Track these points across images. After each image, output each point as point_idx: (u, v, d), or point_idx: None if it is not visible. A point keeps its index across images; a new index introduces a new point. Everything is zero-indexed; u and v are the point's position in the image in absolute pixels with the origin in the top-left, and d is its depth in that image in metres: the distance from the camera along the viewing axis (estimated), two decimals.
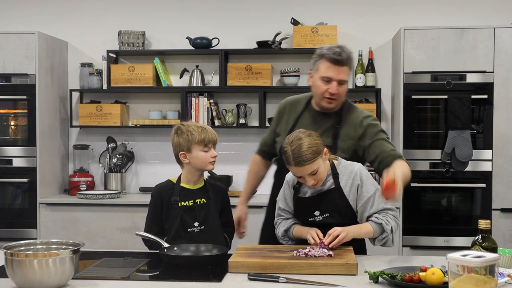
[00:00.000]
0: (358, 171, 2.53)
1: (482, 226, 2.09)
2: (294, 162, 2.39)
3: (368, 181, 2.51)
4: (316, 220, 2.53)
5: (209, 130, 2.69)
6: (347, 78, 2.66)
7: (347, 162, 2.59)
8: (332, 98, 2.65)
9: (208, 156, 2.66)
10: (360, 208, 2.51)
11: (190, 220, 2.63)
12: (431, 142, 4.32)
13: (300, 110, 2.81)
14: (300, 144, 2.39)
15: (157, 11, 4.98)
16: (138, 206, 4.40)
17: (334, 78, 2.62)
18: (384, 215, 2.47)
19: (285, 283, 2.05)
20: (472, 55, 4.22)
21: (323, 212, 2.52)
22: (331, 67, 2.61)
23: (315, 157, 2.39)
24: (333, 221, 2.49)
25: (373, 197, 2.48)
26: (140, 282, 2.13)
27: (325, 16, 4.79)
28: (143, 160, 4.99)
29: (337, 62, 2.60)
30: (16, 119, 4.64)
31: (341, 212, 2.50)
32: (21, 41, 4.48)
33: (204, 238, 2.60)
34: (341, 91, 2.65)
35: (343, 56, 2.61)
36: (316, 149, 2.41)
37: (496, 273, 1.71)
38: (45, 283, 1.93)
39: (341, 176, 2.53)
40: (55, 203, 4.49)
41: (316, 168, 2.41)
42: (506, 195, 4.21)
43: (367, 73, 4.68)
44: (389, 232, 2.45)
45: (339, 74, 2.61)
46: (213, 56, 4.82)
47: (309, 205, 2.55)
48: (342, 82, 2.63)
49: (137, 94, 4.98)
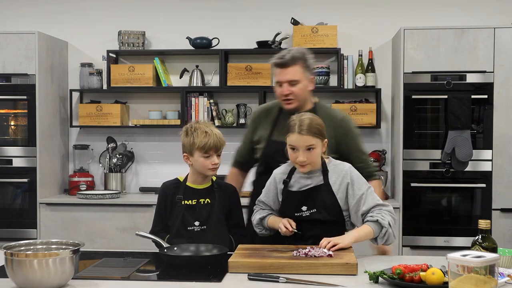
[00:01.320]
0: (348, 170, 2.55)
1: (482, 226, 2.09)
2: (298, 129, 2.46)
3: (359, 180, 2.53)
4: (303, 216, 2.53)
5: (212, 136, 2.62)
6: (297, 77, 2.77)
7: (337, 161, 2.61)
8: (288, 98, 2.79)
9: (208, 162, 2.64)
10: (353, 208, 2.50)
11: (191, 219, 2.63)
12: (431, 142, 4.32)
13: (275, 114, 2.92)
14: (310, 118, 2.50)
15: (157, 11, 4.98)
16: (138, 206, 4.40)
17: (282, 80, 2.78)
18: (378, 212, 2.46)
19: (285, 283, 2.05)
20: (472, 55, 4.22)
21: (310, 207, 2.52)
22: (278, 71, 2.79)
23: (318, 135, 2.47)
24: (319, 217, 2.50)
25: (365, 194, 2.48)
26: (140, 282, 2.13)
27: (325, 16, 4.79)
28: (143, 160, 4.99)
29: (281, 65, 2.78)
30: (16, 119, 4.64)
31: (328, 208, 2.51)
32: (21, 41, 4.49)
33: (204, 238, 2.59)
34: (295, 90, 2.78)
35: (286, 58, 2.76)
36: (320, 130, 2.49)
37: (496, 273, 1.71)
38: (45, 283, 1.93)
39: (331, 174, 2.54)
40: (55, 203, 4.49)
41: (314, 144, 2.46)
42: (506, 195, 4.21)
43: (367, 73, 4.68)
44: (387, 226, 2.43)
45: (286, 76, 2.76)
46: (213, 56, 4.82)
47: (297, 199, 2.55)
48: (293, 82, 2.77)
49: (137, 94, 4.98)
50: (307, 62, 2.82)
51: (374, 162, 4.43)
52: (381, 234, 2.44)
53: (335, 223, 2.53)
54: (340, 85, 4.65)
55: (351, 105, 4.58)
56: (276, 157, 2.71)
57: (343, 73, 4.66)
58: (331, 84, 4.74)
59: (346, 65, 4.67)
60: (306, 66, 2.81)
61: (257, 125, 2.98)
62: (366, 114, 4.56)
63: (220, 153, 2.68)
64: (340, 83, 4.65)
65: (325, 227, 2.50)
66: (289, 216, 2.56)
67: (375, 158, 4.56)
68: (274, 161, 2.73)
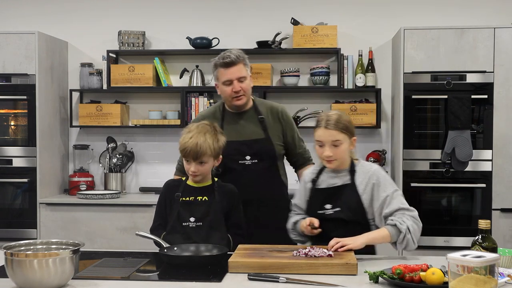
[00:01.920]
0: (375, 171, 2.53)
1: (482, 226, 2.09)
2: (325, 123, 2.47)
3: (385, 182, 2.51)
4: (326, 214, 2.53)
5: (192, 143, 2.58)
6: (244, 74, 2.93)
7: (366, 162, 2.62)
8: (239, 95, 2.93)
9: (187, 168, 2.66)
10: (377, 210, 2.48)
11: (186, 215, 2.63)
12: (431, 142, 4.32)
13: (219, 117, 3.03)
14: (338, 114, 2.52)
15: (157, 11, 4.98)
16: (138, 206, 4.40)
17: (232, 78, 2.91)
18: (400, 216, 2.43)
19: (285, 283, 2.05)
20: (472, 55, 4.22)
21: (334, 206, 2.53)
22: (224, 71, 2.93)
23: (345, 131, 2.48)
24: (342, 216, 2.50)
25: (389, 196, 2.46)
26: (140, 282, 2.13)
27: (325, 16, 4.79)
28: (143, 160, 4.99)
29: (228, 64, 2.92)
30: (16, 119, 4.64)
31: (352, 208, 2.50)
32: (21, 41, 4.48)
33: (199, 234, 2.59)
34: (244, 86, 2.93)
35: (232, 57, 2.92)
36: (347, 126, 2.50)
37: (496, 273, 1.71)
38: (45, 283, 1.93)
39: (358, 174, 2.54)
40: (55, 203, 4.49)
41: (340, 140, 2.46)
42: (506, 195, 4.21)
43: (367, 73, 4.67)
44: (406, 231, 2.39)
45: (234, 74, 2.91)
46: (213, 56, 4.72)
47: (322, 196, 2.56)
48: (241, 79, 2.92)
49: (137, 94, 4.98)
50: (246, 61, 2.99)
51: (374, 162, 4.42)
52: (399, 239, 2.41)
53: (359, 224, 2.50)
54: (340, 85, 4.65)
55: (351, 105, 4.59)
56: (232, 156, 2.89)
57: (343, 73, 4.66)
58: (331, 84, 4.74)
59: (346, 65, 4.67)
60: (247, 64, 2.99)
61: None
62: (366, 114, 4.56)
63: (203, 161, 2.62)
64: (340, 83, 4.65)
65: (348, 227, 2.48)
66: (313, 214, 2.57)
67: (375, 158, 4.56)
68: (231, 160, 2.89)
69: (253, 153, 2.94)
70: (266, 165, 2.96)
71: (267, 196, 2.96)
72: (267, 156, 2.97)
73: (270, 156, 2.97)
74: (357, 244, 2.35)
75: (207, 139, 2.61)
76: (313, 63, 4.74)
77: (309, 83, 4.81)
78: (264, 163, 2.96)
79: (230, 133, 2.89)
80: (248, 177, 2.92)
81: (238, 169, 2.93)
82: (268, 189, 2.97)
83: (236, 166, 2.93)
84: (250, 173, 2.93)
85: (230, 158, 2.89)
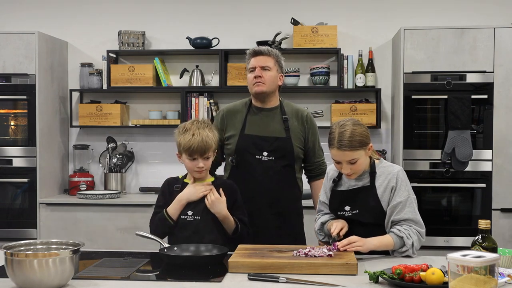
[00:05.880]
0: (396, 173, 2.51)
1: (482, 226, 2.09)
2: (337, 144, 2.43)
3: (402, 186, 2.49)
4: (345, 216, 2.54)
5: (197, 139, 2.59)
6: (270, 65, 3.00)
7: (388, 163, 2.60)
8: (259, 81, 2.98)
9: (193, 165, 2.65)
10: (388, 211, 2.48)
11: (185, 208, 2.63)
12: (431, 142, 4.32)
13: (244, 111, 3.07)
14: (351, 129, 2.44)
15: (157, 11, 4.98)
16: (138, 206, 4.40)
17: (256, 65, 2.99)
18: (407, 228, 2.44)
19: (285, 283, 2.05)
20: (472, 55, 4.22)
21: (353, 208, 2.52)
22: (253, 58, 3.03)
23: (358, 146, 2.42)
24: (361, 219, 2.50)
25: (403, 203, 2.46)
26: (140, 282, 2.13)
27: (325, 16, 4.79)
28: (143, 160, 4.99)
29: (256, 53, 3.02)
30: (16, 119, 4.64)
31: (371, 211, 2.49)
32: (21, 41, 4.48)
33: (195, 227, 2.60)
34: (265, 75, 2.98)
35: (262, 49, 3.04)
36: (361, 140, 2.44)
37: (496, 273, 1.71)
38: (45, 283, 1.93)
39: (378, 176, 2.52)
40: (55, 203, 4.49)
41: (356, 157, 2.43)
42: (506, 195, 4.21)
43: (367, 73, 4.67)
44: (410, 247, 2.43)
45: (259, 62, 3.00)
46: (213, 56, 4.82)
47: (341, 198, 2.56)
48: (265, 68, 2.99)
49: (137, 94, 4.98)
50: (279, 59, 3.05)
51: None
52: (400, 250, 2.44)
53: (377, 227, 2.50)
54: (340, 85, 4.65)
55: (351, 105, 4.58)
56: (250, 150, 2.95)
57: (343, 73, 4.66)
58: (331, 84, 4.74)
59: (346, 65, 4.66)
60: (278, 61, 3.05)
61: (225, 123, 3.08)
62: (366, 114, 4.56)
63: (209, 156, 2.65)
64: (340, 83, 4.65)
65: (366, 229, 2.48)
66: (334, 214, 2.59)
67: None
68: (248, 153, 2.93)
69: (271, 150, 2.94)
70: (283, 164, 2.96)
71: (277, 195, 2.96)
72: (285, 155, 2.96)
73: (288, 156, 2.97)
74: (364, 249, 2.37)
75: (209, 133, 2.64)
76: (313, 63, 4.74)
77: (309, 83, 4.81)
78: (280, 161, 2.95)
79: (252, 127, 2.96)
80: (261, 173, 2.93)
81: (253, 163, 2.94)
82: (281, 188, 2.96)
83: (252, 160, 2.94)
84: (264, 169, 2.94)
85: (247, 152, 2.93)
